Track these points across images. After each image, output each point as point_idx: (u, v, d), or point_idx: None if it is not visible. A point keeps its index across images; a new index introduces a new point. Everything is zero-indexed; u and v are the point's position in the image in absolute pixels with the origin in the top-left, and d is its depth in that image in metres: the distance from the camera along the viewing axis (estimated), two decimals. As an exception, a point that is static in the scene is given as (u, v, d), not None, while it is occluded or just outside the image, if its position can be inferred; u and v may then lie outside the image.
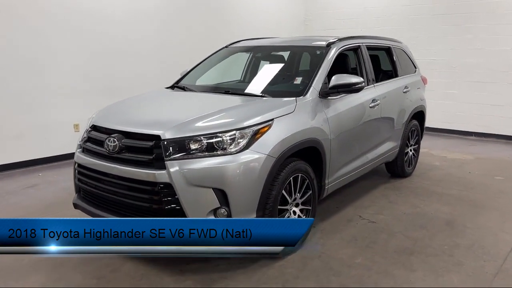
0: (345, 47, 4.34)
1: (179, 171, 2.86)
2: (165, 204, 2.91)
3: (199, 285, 3.05)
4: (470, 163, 6.43)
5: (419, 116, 5.74)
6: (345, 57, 4.51)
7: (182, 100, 3.88)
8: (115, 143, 3.08)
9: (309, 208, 3.63)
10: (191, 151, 2.94)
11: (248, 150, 2.99)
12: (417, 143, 5.78)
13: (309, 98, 3.66)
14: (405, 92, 5.22)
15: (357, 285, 3.08)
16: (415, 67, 5.92)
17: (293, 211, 3.48)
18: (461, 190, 5.13)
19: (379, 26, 9.22)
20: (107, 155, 3.15)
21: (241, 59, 4.89)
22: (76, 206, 3.50)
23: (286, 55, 4.63)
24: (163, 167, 2.89)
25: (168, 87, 4.46)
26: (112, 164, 3.11)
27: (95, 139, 3.32)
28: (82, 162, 3.37)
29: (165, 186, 2.89)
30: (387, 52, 5.37)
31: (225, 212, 2.95)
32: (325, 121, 3.69)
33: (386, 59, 5.43)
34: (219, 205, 2.93)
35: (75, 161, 3.46)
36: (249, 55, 4.83)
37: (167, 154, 2.91)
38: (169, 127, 3.01)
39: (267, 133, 3.13)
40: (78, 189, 3.54)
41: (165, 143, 2.93)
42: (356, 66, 4.58)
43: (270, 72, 4.75)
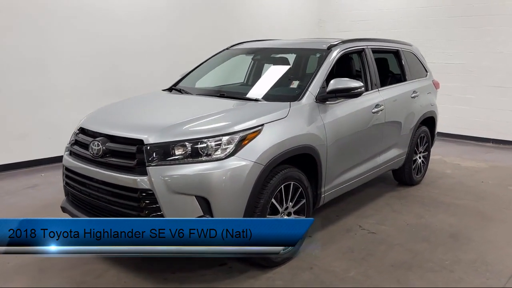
0: (347, 50, 4.18)
1: (161, 177, 2.76)
2: (146, 211, 2.82)
3: (181, 296, 2.95)
4: (484, 171, 6.16)
5: (429, 122, 5.52)
6: (348, 60, 4.36)
7: (174, 103, 3.79)
8: (99, 147, 3.01)
9: (303, 217, 3.48)
10: (175, 156, 2.83)
11: (234, 156, 2.87)
12: (427, 150, 5.56)
13: (305, 103, 3.52)
14: (413, 97, 5.02)
15: (347, 301, 2.93)
16: (427, 71, 5.70)
17: (285, 220, 3.34)
18: (471, 200, 4.89)
19: (394, 28, 8.98)
20: (92, 159, 3.08)
21: (242, 61, 4.78)
22: (64, 209, 3.44)
23: (287, 58, 4.48)
24: (145, 173, 2.80)
25: (165, 89, 4.38)
26: (96, 168, 3.04)
27: (82, 142, 3.25)
28: (68, 165, 3.31)
29: (147, 193, 2.79)
30: (395, 55, 5.18)
31: (208, 221, 2.83)
32: (321, 127, 3.54)
33: (395, 63, 5.24)
34: (202, 214, 2.82)
35: (63, 164, 3.40)
36: (250, 57, 4.70)
37: (150, 159, 2.81)
38: (153, 132, 2.92)
39: (256, 139, 3.00)
40: (66, 193, 3.49)
41: (148, 148, 2.83)
42: (359, 69, 4.41)
43: (269, 75, 4.62)
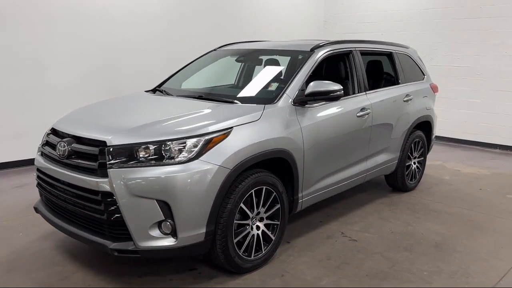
0: (332, 52, 4.08)
1: (121, 180, 2.71)
2: (107, 214, 2.77)
3: (143, 301, 2.89)
4: (484, 178, 5.96)
5: (425, 126, 5.36)
6: (333, 62, 4.26)
7: (149, 105, 3.73)
8: (65, 148, 2.98)
9: (277, 223, 3.40)
10: (137, 159, 2.78)
11: (198, 160, 2.80)
12: (423, 155, 5.40)
13: (281, 105, 3.43)
14: (406, 100, 4.88)
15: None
16: (424, 74, 5.54)
17: (257, 226, 3.26)
18: (464, 208, 4.72)
19: (400, 30, 8.81)
20: (58, 160, 3.05)
21: (228, 63, 4.71)
22: (36, 210, 3.43)
23: (278, 59, 4.39)
24: (107, 175, 2.75)
25: (149, 90, 4.34)
26: (62, 169, 3.01)
27: (51, 143, 3.23)
28: (39, 166, 3.29)
29: (107, 195, 2.74)
30: (388, 58, 5.04)
31: (170, 225, 2.77)
32: (297, 130, 3.45)
33: (389, 66, 5.11)
34: (164, 218, 2.76)
35: (35, 165, 3.39)
36: (236, 59, 4.62)
37: (111, 161, 2.76)
38: (116, 133, 2.87)
39: (223, 143, 2.92)
40: (40, 193, 3.47)
41: (110, 149, 2.78)
42: (346, 72, 4.30)
43: (253, 77, 4.59)
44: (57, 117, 5.90)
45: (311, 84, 3.55)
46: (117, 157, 2.77)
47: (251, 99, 3.56)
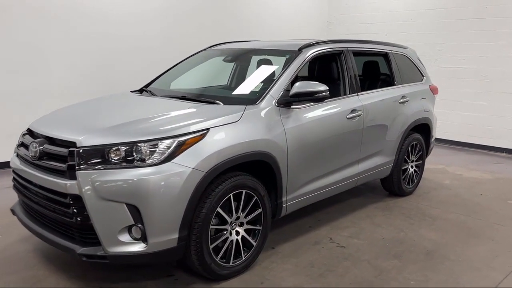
0: (321, 52, 3.95)
1: (90, 182, 2.61)
2: (76, 218, 2.68)
3: (114, 308, 2.79)
4: (486, 183, 5.77)
5: (423, 129, 5.19)
6: (324, 62, 4.14)
7: (129, 105, 3.64)
8: (36, 149, 2.90)
9: (259, 228, 3.28)
10: (107, 161, 2.68)
11: (170, 162, 2.69)
12: (421, 159, 5.23)
13: (263, 106, 3.31)
14: (402, 102, 4.72)
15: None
16: (423, 75, 5.37)
17: (236, 231, 3.14)
18: (461, 214, 4.55)
19: (404, 31, 8.63)
20: (31, 161, 2.97)
21: (220, 63, 4.59)
22: (13, 212, 3.36)
23: (263, 59, 4.27)
24: (76, 177, 2.66)
25: (135, 90, 4.25)
26: (34, 171, 2.93)
27: (25, 144, 3.15)
28: (14, 167, 3.22)
29: (76, 198, 2.65)
30: (384, 58, 4.89)
31: (140, 230, 2.67)
32: (281, 132, 3.32)
33: (385, 66, 4.96)
34: (133, 223, 2.66)
35: (11, 166, 3.31)
36: (223, 59, 4.51)
37: (80, 163, 2.67)
38: (88, 134, 2.78)
39: (198, 144, 2.81)
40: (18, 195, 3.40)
41: (80, 150, 2.69)
42: (337, 72, 4.17)
43: (240, 77, 4.49)
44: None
45: (296, 84, 3.43)
46: (87, 159, 2.67)
47: (234, 100, 3.45)
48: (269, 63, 4.23)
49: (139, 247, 2.68)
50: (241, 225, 3.17)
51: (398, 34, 8.69)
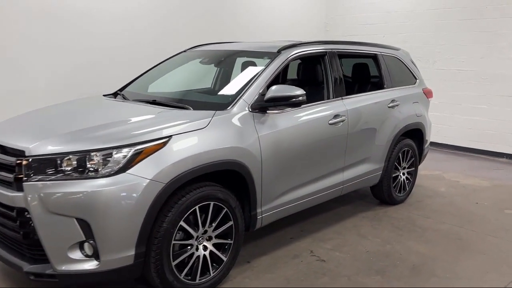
0: (303, 54, 3.74)
1: (37, 195, 2.42)
2: (23, 233, 2.48)
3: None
4: (483, 191, 5.51)
5: (416, 134, 4.95)
6: (307, 65, 3.93)
7: (94, 110, 3.43)
8: (-16, 158, 2.71)
9: (230, 242, 3.06)
10: (59, 171, 2.48)
11: (125, 173, 2.49)
12: (413, 165, 4.98)
13: (235, 112, 3.10)
14: (391, 106, 4.49)
15: None
16: (416, 78, 5.14)
17: (204, 246, 2.92)
18: (454, 225, 4.31)
19: (402, 32, 8.38)
20: None
21: (196, 65, 4.38)
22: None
23: (246, 62, 4.07)
24: (22, 188, 2.46)
25: (109, 94, 4.06)
26: (-18, 182, 2.73)
27: (-21, 152, 2.96)
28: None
29: (22, 212, 2.46)
30: (374, 60, 4.66)
31: (92, 246, 2.47)
32: (254, 140, 3.11)
33: (375, 69, 4.74)
34: (84, 239, 2.46)
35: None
36: (200, 61, 4.30)
37: (28, 173, 2.47)
38: (38, 141, 2.58)
39: (157, 153, 2.61)
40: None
41: (29, 160, 2.50)
42: (321, 75, 3.95)
43: (223, 80, 4.29)
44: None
45: (272, 88, 3.22)
46: (36, 169, 2.48)
47: (205, 105, 3.24)
48: (253, 65, 4.02)
49: (91, 265, 2.48)
50: (210, 239, 2.96)
51: (396, 35, 8.44)
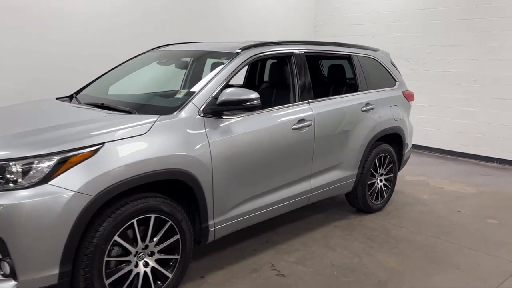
0: (265, 55, 3.51)
1: None
2: None
3: None
4: (468, 198, 5.27)
5: (394, 139, 4.72)
6: (272, 66, 3.70)
7: (33, 115, 3.19)
8: None
9: (176, 257, 2.84)
10: (-28, 182, 2.27)
11: (46, 184, 2.27)
12: (392, 172, 4.75)
13: (182, 116, 2.87)
14: (365, 110, 4.26)
15: None
16: (395, 80, 4.90)
17: (145, 262, 2.70)
18: (431, 235, 4.07)
19: (391, 32, 8.14)
20: None
21: (158, 66, 4.16)
22: None
23: (200, 63, 3.85)
24: None
25: (64, 97, 3.84)
26: None
27: None
28: None
29: None
30: (348, 61, 4.43)
31: (9, 265, 2.24)
32: (204, 147, 2.89)
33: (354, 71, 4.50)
34: (0, 257, 2.24)
35: None
36: (157, 62, 4.07)
37: None
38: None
39: (87, 162, 2.39)
40: None
41: None
42: (286, 78, 3.72)
43: (189, 81, 4.06)
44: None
45: (225, 91, 2.99)
46: None
47: (150, 109, 3.03)
48: (218, 65, 3.80)
49: (8, 285, 2.26)
50: (152, 254, 2.74)
51: (385, 35, 8.21)
